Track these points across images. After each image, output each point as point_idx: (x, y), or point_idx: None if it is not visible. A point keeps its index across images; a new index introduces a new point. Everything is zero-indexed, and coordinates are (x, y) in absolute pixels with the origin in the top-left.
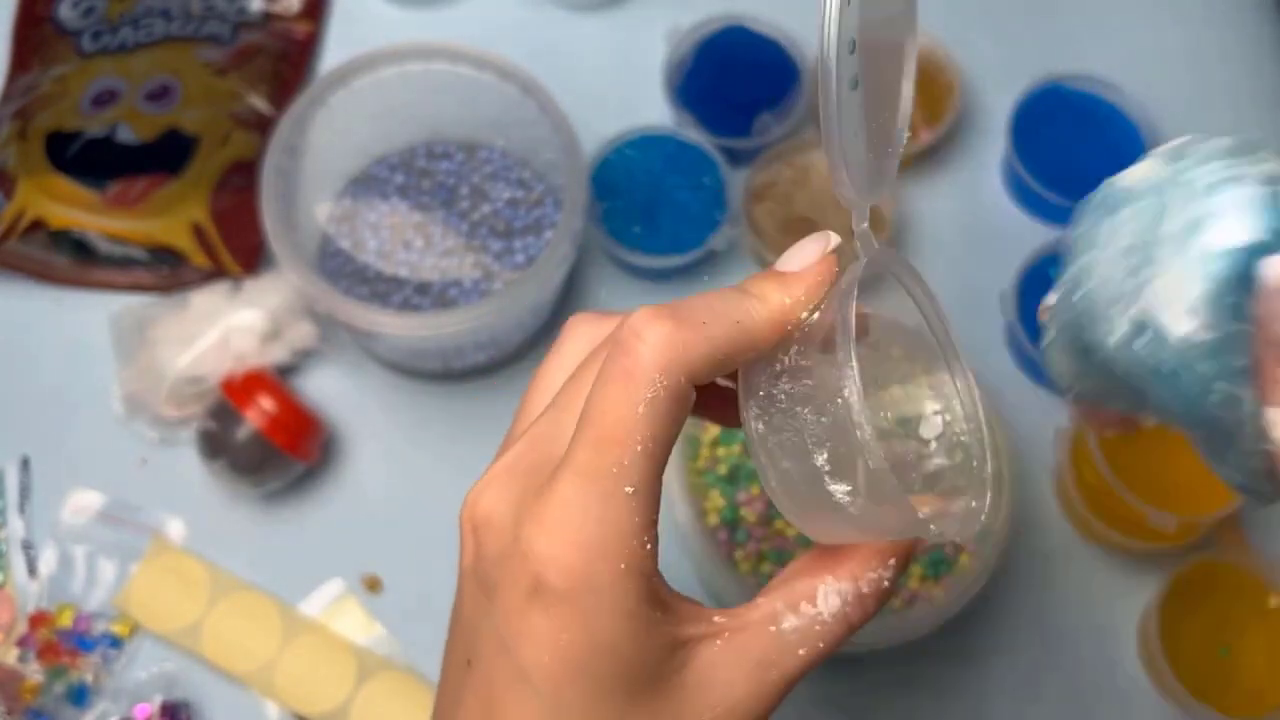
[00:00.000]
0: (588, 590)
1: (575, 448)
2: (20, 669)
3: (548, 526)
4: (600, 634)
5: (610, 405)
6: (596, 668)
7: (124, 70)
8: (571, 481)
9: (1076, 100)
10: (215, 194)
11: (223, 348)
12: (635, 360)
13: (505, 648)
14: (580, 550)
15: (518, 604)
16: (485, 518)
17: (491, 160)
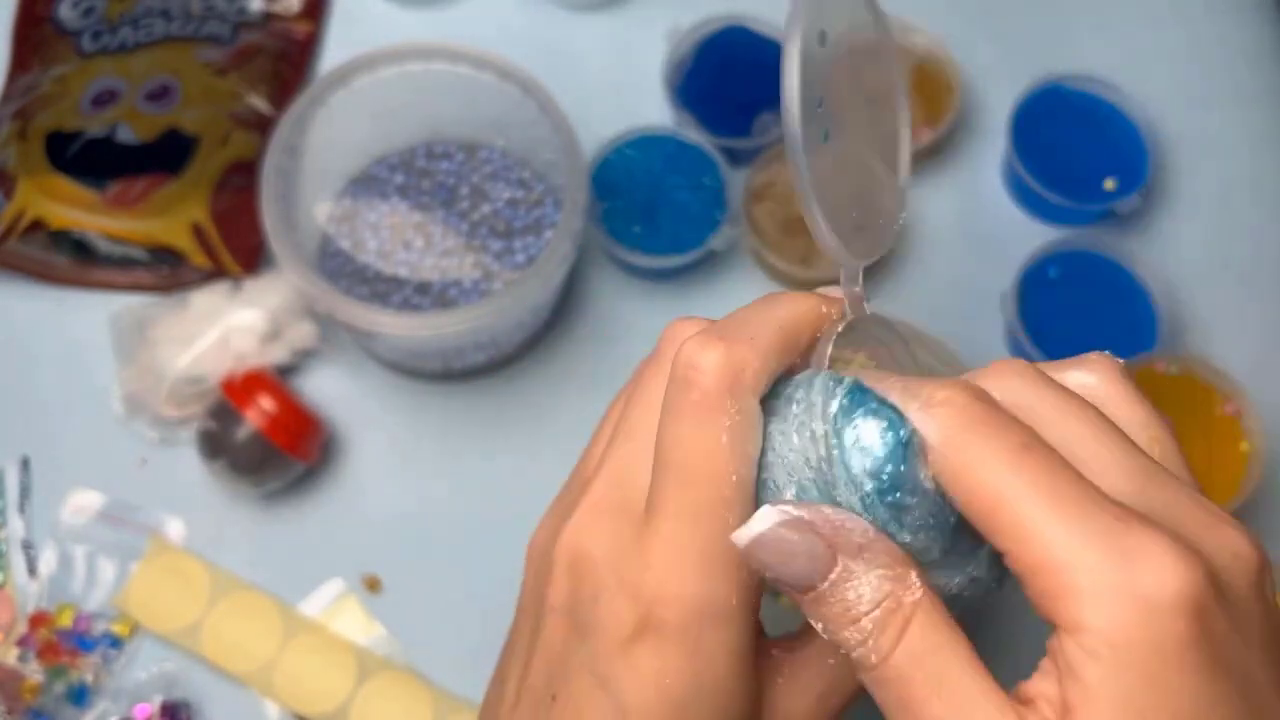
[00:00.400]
0: (699, 628)
1: (664, 487)
2: (20, 669)
3: (655, 566)
4: (706, 673)
5: (690, 442)
6: (698, 707)
7: (124, 70)
8: (672, 522)
9: (1076, 100)
10: (215, 194)
11: (223, 348)
12: (703, 392)
13: (603, 685)
14: (691, 587)
15: (620, 643)
16: (583, 557)
17: (491, 160)
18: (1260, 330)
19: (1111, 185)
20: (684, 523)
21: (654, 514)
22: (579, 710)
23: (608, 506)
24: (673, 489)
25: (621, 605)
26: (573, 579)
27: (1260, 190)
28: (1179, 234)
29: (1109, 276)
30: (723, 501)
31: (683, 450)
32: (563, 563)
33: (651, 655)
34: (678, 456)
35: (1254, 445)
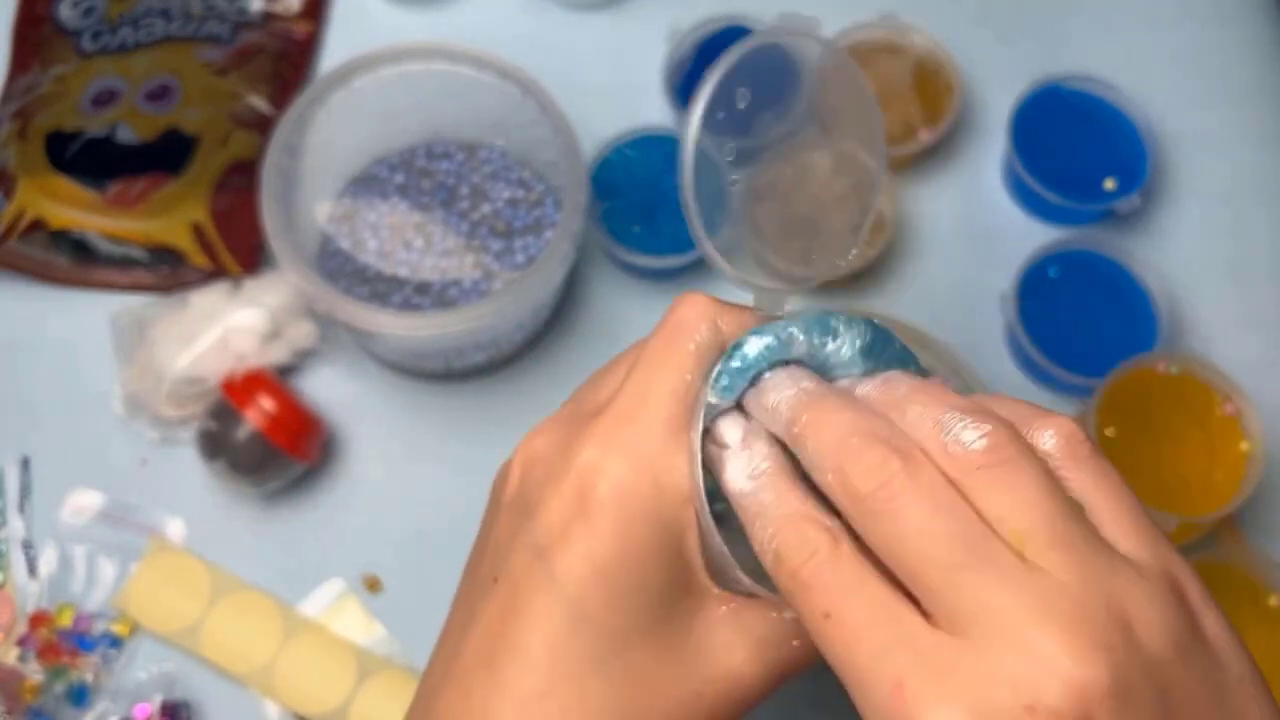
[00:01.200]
0: (627, 499)
1: (628, 381)
2: (20, 669)
3: (596, 440)
4: (633, 548)
5: (661, 347)
6: (622, 580)
7: (124, 70)
8: (621, 405)
9: (1076, 100)
10: (215, 194)
11: (223, 348)
12: (682, 317)
13: (539, 558)
14: (624, 460)
15: (559, 515)
16: (534, 454)
17: (491, 160)
18: (1260, 330)
19: (1111, 185)
20: (632, 404)
21: (610, 401)
22: (515, 584)
23: (566, 416)
24: (633, 378)
25: (563, 481)
26: (523, 473)
27: (1260, 190)
28: (1179, 234)
29: (1109, 276)
30: (673, 392)
31: (651, 351)
32: (517, 463)
33: (583, 524)
34: (646, 355)
35: (1253, 445)
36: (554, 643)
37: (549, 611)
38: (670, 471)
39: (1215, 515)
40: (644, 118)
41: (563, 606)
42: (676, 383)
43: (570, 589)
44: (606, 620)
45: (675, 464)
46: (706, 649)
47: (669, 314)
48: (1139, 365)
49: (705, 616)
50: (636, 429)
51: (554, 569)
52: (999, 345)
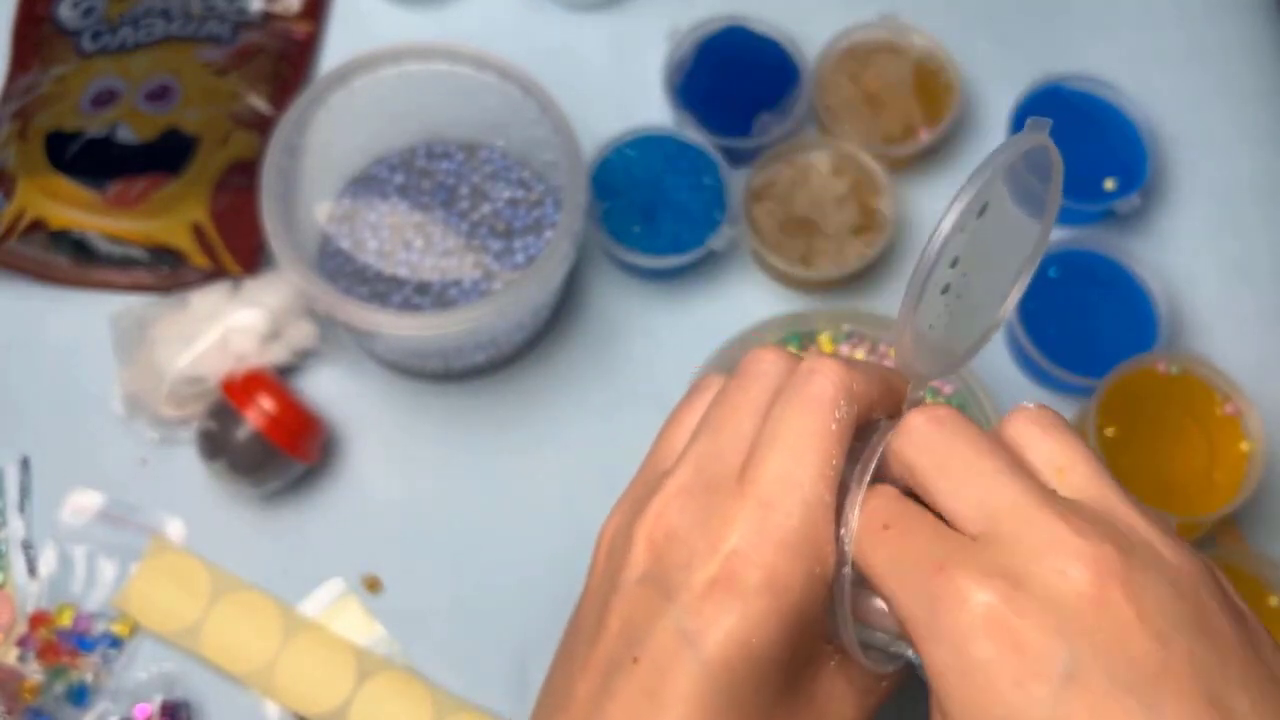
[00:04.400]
0: (783, 590)
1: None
2: (20, 669)
3: (746, 526)
4: (783, 634)
5: (803, 422)
6: (772, 664)
7: (124, 70)
8: (769, 486)
9: (1076, 100)
10: (215, 194)
11: (223, 348)
12: (823, 389)
13: (688, 640)
14: (781, 550)
15: (709, 600)
16: (668, 531)
17: (491, 160)
18: (1260, 330)
19: (1111, 185)
20: (784, 488)
21: (751, 482)
22: (661, 667)
23: (694, 487)
24: (777, 459)
25: (711, 565)
26: (656, 551)
27: (1260, 190)
28: (1179, 234)
29: (1109, 276)
30: (823, 476)
31: (793, 429)
32: (643, 539)
33: (739, 612)
34: (787, 433)
35: (1254, 445)
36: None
37: (700, 695)
38: (820, 561)
39: (1215, 515)
40: (644, 118)
41: (713, 690)
42: (824, 467)
43: (721, 673)
44: (750, 698)
45: (826, 554)
46: (824, 704)
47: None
48: (1139, 365)
49: (823, 676)
50: (787, 517)
51: (703, 653)
52: (999, 345)
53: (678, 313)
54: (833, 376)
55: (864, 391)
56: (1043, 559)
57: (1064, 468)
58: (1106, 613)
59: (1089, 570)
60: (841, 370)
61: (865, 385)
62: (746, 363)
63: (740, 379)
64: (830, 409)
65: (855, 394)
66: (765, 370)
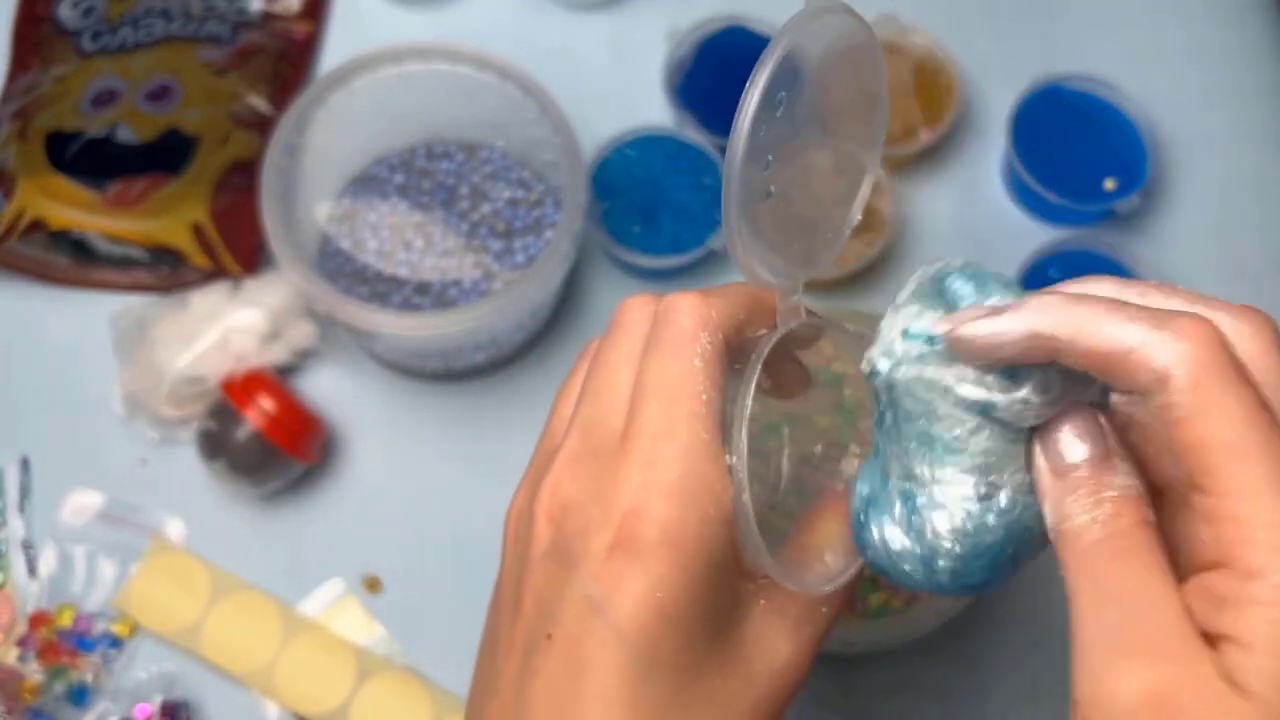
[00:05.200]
0: (680, 540)
1: (640, 411)
2: (20, 669)
3: (633, 484)
4: (692, 585)
5: (667, 368)
6: (688, 618)
7: (124, 70)
8: (648, 440)
9: (1076, 100)
10: (215, 194)
11: (223, 348)
12: (680, 328)
13: (595, 608)
14: (669, 501)
15: (609, 564)
16: (564, 503)
17: (491, 160)
18: None
19: (1111, 185)
20: (658, 440)
21: (630, 439)
22: (575, 639)
23: (582, 453)
24: (649, 411)
25: (606, 530)
26: (555, 523)
27: (1260, 190)
28: (1179, 234)
29: None
30: (695, 417)
31: (660, 376)
32: (543, 513)
33: (641, 572)
34: (654, 382)
35: None
36: (626, 693)
37: (618, 663)
38: (714, 502)
39: None
40: (644, 118)
41: (632, 656)
42: (694, 406)
43: (636, 638)
44: (673, 658)
45: (717, 492)
46: (757, 648)
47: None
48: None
49: (751, 619)
50: (669, 466)
51: (615, 620)
52: None
53: None
54: (688, 311)
55: (728, 316)
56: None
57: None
58: None
59: None
60: (695, 302)
61: (727, 309)
62: (615, 315)
63: (610, 334)
64: (690, 345)
65: (718, 321)
66: (633, 319)
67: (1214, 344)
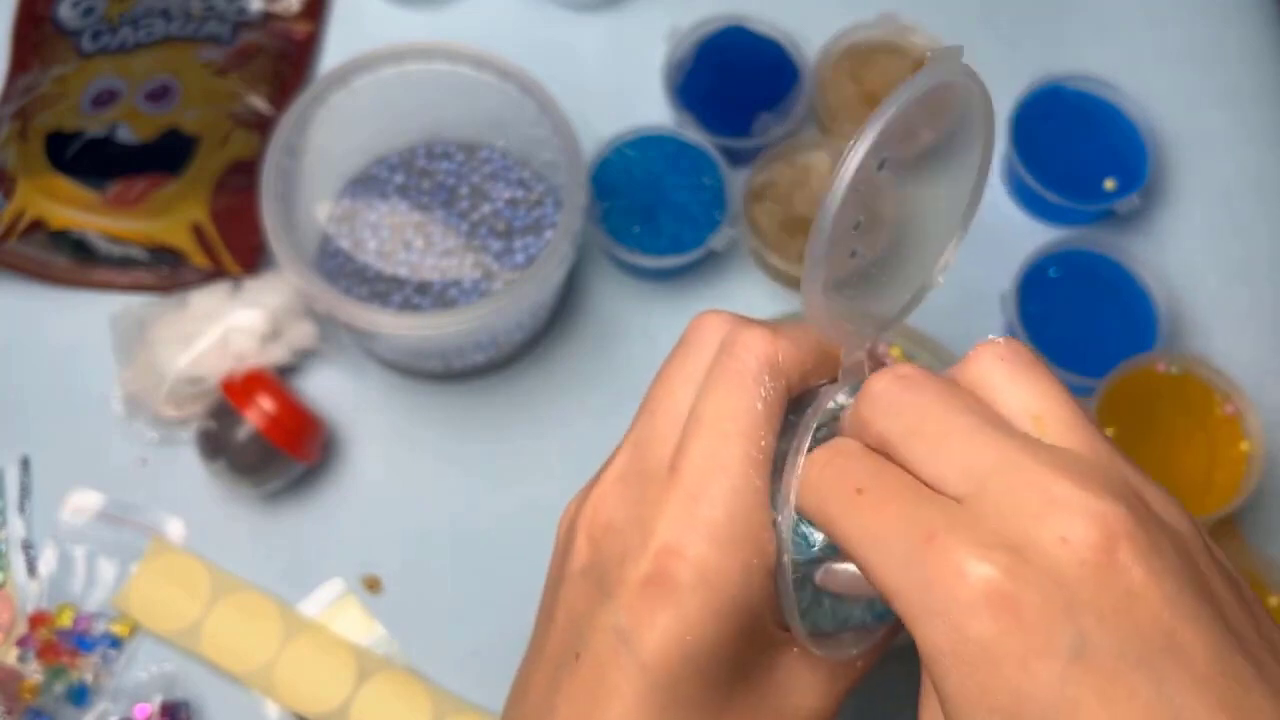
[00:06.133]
0: (716, 585)
1: (692, 442)
2: (20, 669)
3: (674, 518)
4: (724, 630)
5: (725, 403)
6: (715, 661)
7: (124, 70)
8: (696, 475)
9: (1076, 100)
10: (215, 194)
11: (223, 348)
12: (746, 365)
13: (624, 639)
14: (709, 543)
15: (642, 598)
16: (606, 524)
17: (491, 160)
18: (1260, 330)
19: (1111, 185)
20: (709, 476)
21: (679, 470)
22: (601, 666)
23: (630, 474)
24: (702, 445)
25: (644, 561)
26: (594, 543)
27: (1260, 190)
28: (1179, 234)
29: (1109, 276)
30: (751, 460)
31: (717, 411)
32: (584, 530)
33: (672, 611)
34: (711, 416)
35: (1253, 445)
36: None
37: (636, 695)
38: (756, 551)
39: (1215, 515)
40: (644, 118)
41: (650, 690)
42: (749, 449)
43: (659, 675)
44: (694, 697)
45: (761, 542)
46: (784, 695)
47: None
48: (1139, 365)
49: (782, 664)
50: (715, 507)
51: (640, 654)
52: None
53: (678, 313)
54: (755, 349)
55: (795, 361)
56: (1044, 520)
57: (1040, 415)
58: (1114, 578)
59: (1095, 529)
60: (764, 341)
61: (795, 353)
62: (687, 331)
63: (678, 350)
64: (754, 385)
65: (783, 365)
66: (704, 340)
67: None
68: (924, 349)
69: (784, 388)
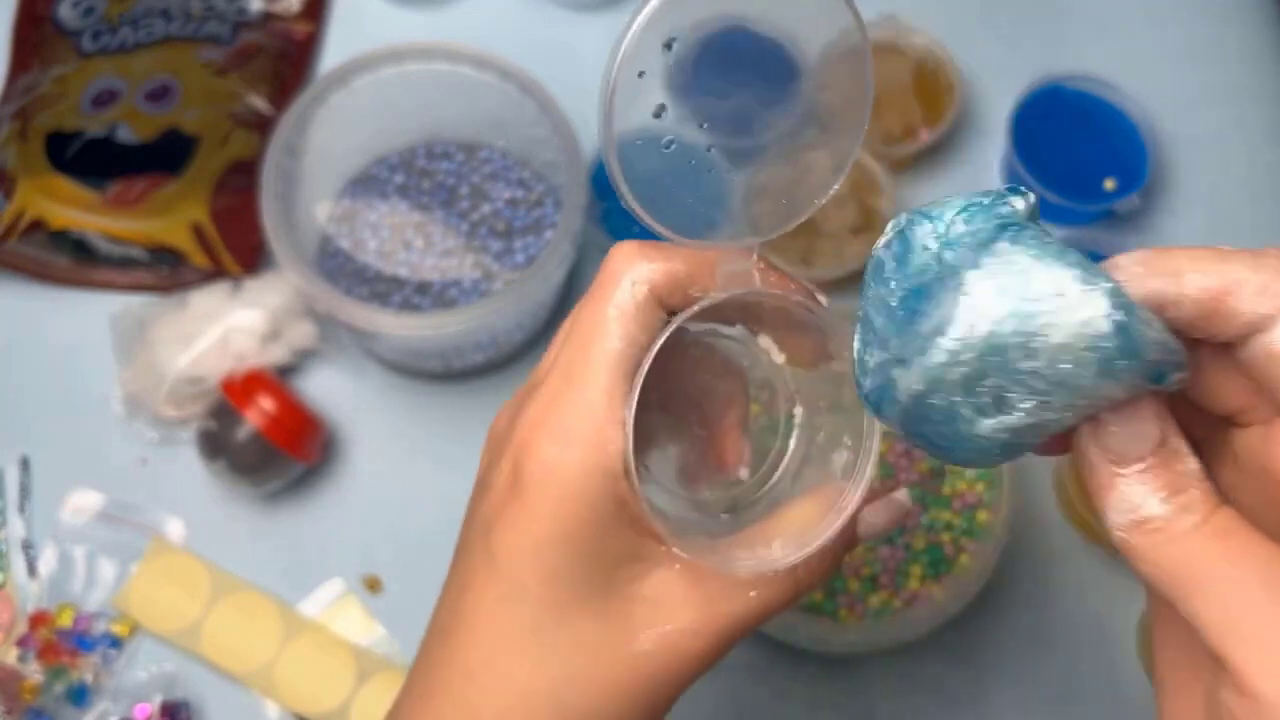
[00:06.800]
0: (557, 478)
1: (559, 351)
2: (20, 669)
3: (528, 418)
4: (569, 525)
5: (588, 313)
6: (555, 555)
7: (124, 70)
8: (553, 380)
9: (1076, 100)
10: (215, 194)
11: (223, 348)
12: (609, 274)
13: (483, 532)
14: (551, 441)
15: (498, 494)
16: (496, 433)
17: (491, 160)
18: None
19: (1111, 185)
20: (560, 381)
21: (546, 376)
22: (467, 560)
23: (528, 386)
24: (565, 351)
25: (504, 462)
26: (488, 451)
27: (1259, 189)
28: (1179, 234)
29: None
30: (594, 365)
31: (578, 317)
32: (486, 442)
33: (518, 502)
34: (576, 323)
35: None
36: (492, 615)
37: (487, 587)
38: (596, 449)
39: None
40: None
41: (499, 582)
42: (606, 349)
43: (506, 566)
44: (545, 593)
45: (602, 440)
46: (653, 611)
47: (599, 270)
48: None
49: (654, 578)
50: (567, 407)
51: (492, 547)
52: None
53: None
54: (618, 258)
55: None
56: None
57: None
58: None
59: None
60: (631, 250)
61: (666, 263)
62: None
63: None
64: (610, 291)
65: (651, 274)
66: None
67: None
68: None
69: (645, 292)
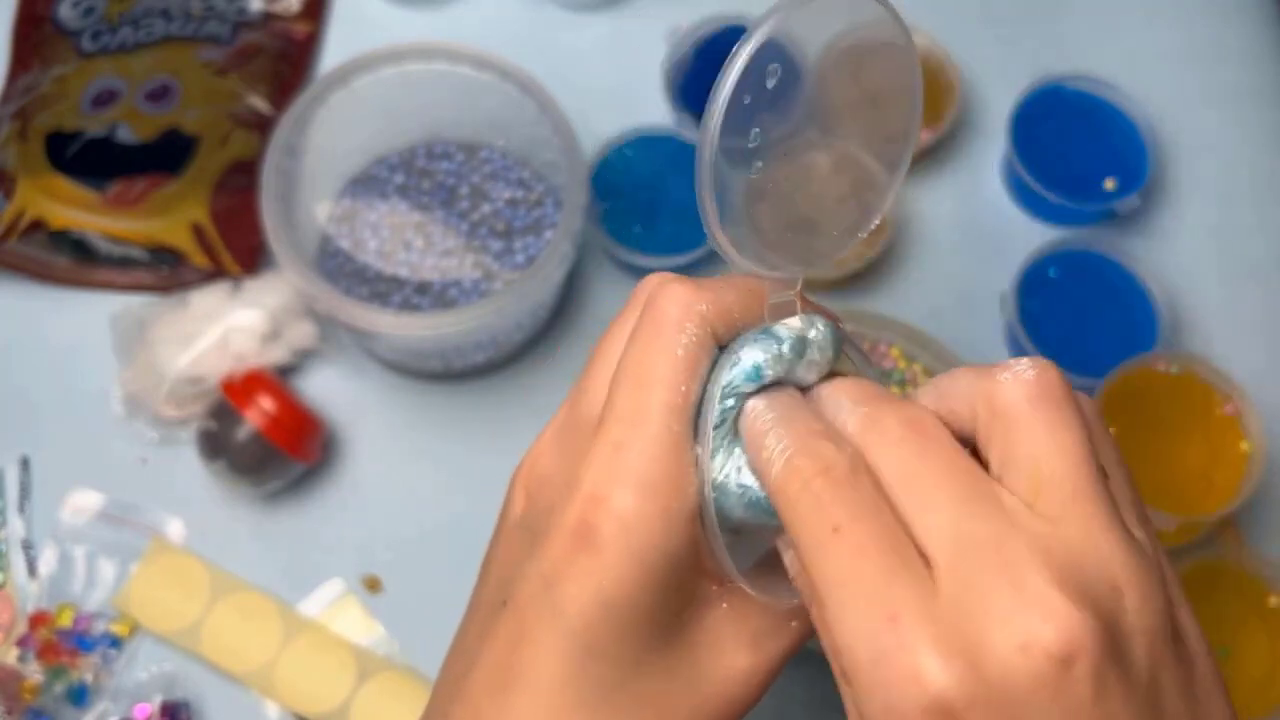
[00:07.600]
0: (637, 531)
1: (615, 394)
2: (20, 669)
3: (599, 469)
4: (644, 578)
5: (647, 354)
6: (635, 610)
7: (124, 70)
8: (618, 425)
9: (1076, 100)
10: (215, 194)
11: (223, 348)
12: (666, 314)
13: (546, 586)
14: (629, 490)
15: (565, 545)
16: (540, 476)
17: (491, 160)
18: (1260, 330)
19: (1111, 185)
20: (631, 425)
21: (604, 422)
22: (523, 613)
23: (565, 428)
24: (624, 394)
25: (568, 509)
26: (529, 495)
27: (1260, 190)
28: (1179, 234)
29: (1109, 276)
30: (670, 407)
31: (638, 361)
32: (521, 483)
33: (592, 559)
34: (633, 366)
35: (1253, 445)
36: (560, 675)
37: (555, 645)
38: (677, 495)
39: (1215, 515)
40: (644, 118)
41: (569, 640)
42: (671, 397)
43: (576, 623)
44: (613, 650)
45: (681, 486)
46: (709, 653)
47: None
48: (1139, 365)
49: (707, 620)
50: (636, 455)
51: (560, 602)
52: (999, 345)
53: None
54: (675, 298)
55: (719, 309)
56: (1008, 622)
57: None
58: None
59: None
60: (685, 290)
61: (717, 302)
62: (634, 294)
63: (623, 309)
64: (674, 333)
65: (707, 314)
66: (638, 298)
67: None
68: (926, 350)
69: (708, 335)
